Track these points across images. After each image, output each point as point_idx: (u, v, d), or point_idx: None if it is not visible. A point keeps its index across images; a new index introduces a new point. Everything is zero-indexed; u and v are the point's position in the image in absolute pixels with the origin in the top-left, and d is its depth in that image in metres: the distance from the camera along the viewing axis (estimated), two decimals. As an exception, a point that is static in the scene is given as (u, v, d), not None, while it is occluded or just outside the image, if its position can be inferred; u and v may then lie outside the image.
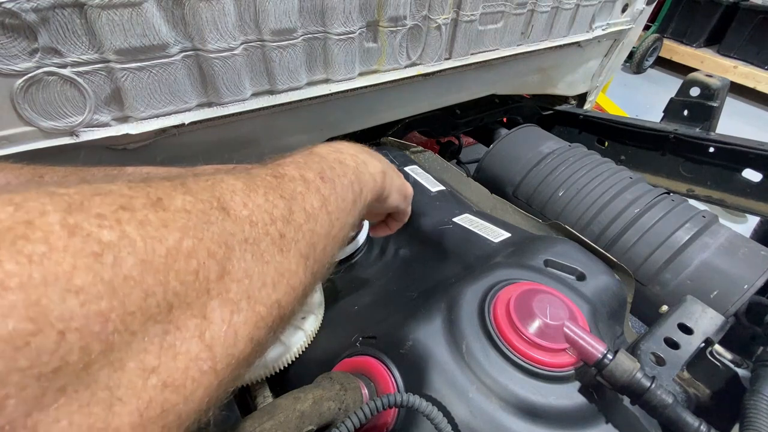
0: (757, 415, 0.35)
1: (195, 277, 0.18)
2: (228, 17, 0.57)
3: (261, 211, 0.24)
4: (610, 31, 1.19)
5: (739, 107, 2.93)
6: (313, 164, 0.33)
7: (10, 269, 0.13)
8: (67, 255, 0.14)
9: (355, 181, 0.36)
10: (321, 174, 0.32)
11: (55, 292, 0.14)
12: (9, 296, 0.13)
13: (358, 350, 0.46)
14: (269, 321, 0.22)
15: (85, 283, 0.14)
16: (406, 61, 0.82)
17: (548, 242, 0.60)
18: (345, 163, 0.37)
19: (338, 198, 0.32)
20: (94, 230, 0.15)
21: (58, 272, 0.14)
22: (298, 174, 0.30)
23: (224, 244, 0.20)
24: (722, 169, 1.00)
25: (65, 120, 0.53)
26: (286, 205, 0.26)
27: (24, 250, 0.14)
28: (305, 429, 0.34)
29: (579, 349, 0.40)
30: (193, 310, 0.18)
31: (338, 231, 0.32)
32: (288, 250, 0.25)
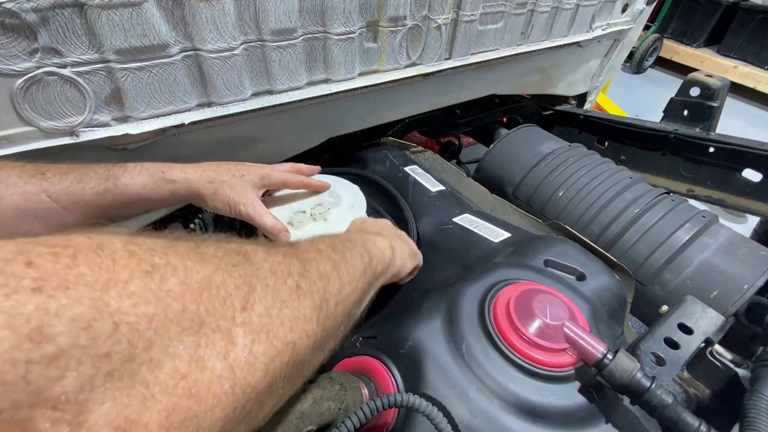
0: (757, 415, 0.35)
1: (223, 303, 0.22)
2: (228, 17, 0.57)
3: (279, 266, 0.27)
4: (610, 31, 1.19)
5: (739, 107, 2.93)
6: (323, 241, 0.37)
7: (85, 272, 0.17)
8: (127, 269, 0.18)
9: (364, 252, 0.40)
10: (332, 246, 0.36)
11: (115, 292, 0.17)
12: (81, 289, 0.16)
13: (358, 350, 0.46)
14: (284, 358, 0.24)
15: (137, 289, 0.18)
16: (406, 61, 0.82)
17: (548, 242, 0.60)
18: (353, 240, 0.41)
19: (348, 265, 0.36)
20: (147, 256, 0.20)
21: (119, 279, 0.18)
22: (311, 246, 0.34)
23: (248, 283, 0.24)
24: (722, 169, 1.00)
25: (65, 120, 0.53)
26: (301, 264, 0.30)
27: (96, 260, 0.18)
28: (305, 429, 0.34)
29: (579, 349, 0.40)
30: (221, 331, 0.21)
31: (349, 293, 0.34)
32: (304, 299, 0.28)
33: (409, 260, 0.52)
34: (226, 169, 0.54)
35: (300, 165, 0.66)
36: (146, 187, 0.48)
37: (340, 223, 0.62)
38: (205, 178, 0.52)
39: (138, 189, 0.47)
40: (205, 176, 0.52)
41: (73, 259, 0.17)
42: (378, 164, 0.84)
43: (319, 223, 0.62)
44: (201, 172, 0.52)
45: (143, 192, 0.48)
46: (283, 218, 0.61)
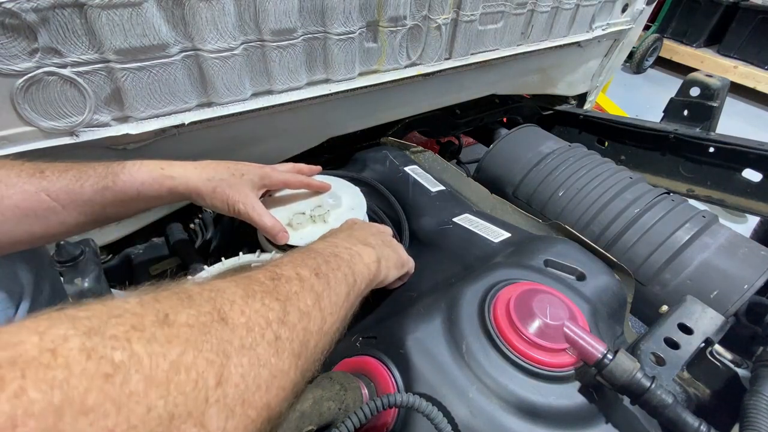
0: (757, 415, 0.35)
1: (194, 386, 0.20)
2: (228, 17, 0.57)
3: (258, 316, 0.26)
4: (610, 31, 1.19)
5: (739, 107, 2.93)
6: (309, 260, 0.36)
7: (34, 397, 0.15)
8: (84, 377, 0.17)
9: (349, 273, 0.39)
10: (316, 270, 0.35)
11: (70, 414, 0.16)
12: (31, 423, 0.15)
13: (358, 350, 0.46)
14: (258, 423, 0.23)
15: (95, 403, 0.16)
16: (406, 61, 0.82)
17: (548, 242, 0.60)
18: (340, 256, 0.40)
19: (332, 293, 0.35)
20: (108, 352, 0.18)
21: (74, 396, 0.16)
22: (294, 273, 0.33)
23: (222, 353, 0.22)
24: (722, 169, 1.00)
25: (65, 120, 0.53)
26: (281, 306, 0.28)
27: (47, 377, 0.16)
28: (305, 429, 0.34)
29: (579, 349, 0.40)
30: (193, 418, 0.20)
31: (330, 326, 0.34)
32: (282, 351, 0.26)
33: (395, 270, 0.51)
34: (225, 167, 0.54)
35: (301, 165, 0.66)
36: (145, 184, 0.48)
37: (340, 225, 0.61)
38: (204, 176, 0.51)
39: (137, 186, 0.47)
40: (204, 174, 0.52)
41: (22, 381, 0.15)
42: (378, 164, 0.84)
43: (318, 225, 0.62)
44: (200, 170, 0.52)
45: (142, 189, 0.47)
46: (283, 219, 0.61)
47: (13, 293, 0.43)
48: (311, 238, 0.59)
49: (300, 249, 0.40)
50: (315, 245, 0.42)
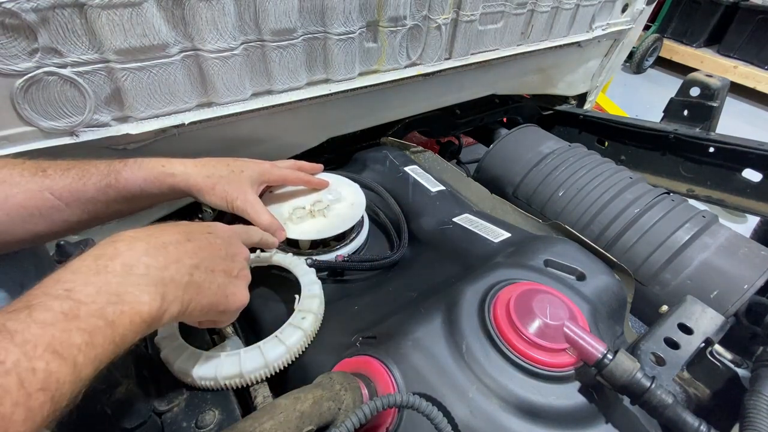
0: (757, 415, 0.35)
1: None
2: (228, 17, 0.57)
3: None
4: (610, 31, 1.19)
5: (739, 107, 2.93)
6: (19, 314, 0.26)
7: None
8: None
9: (64, 334, 0.26)
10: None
11: None
12: None
13: (358, 350, 0.46)
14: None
15: None
16: (406, 61, 0.82)
17: (548, 242, 0.60)
18: (74, 297, 0.28)
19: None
20: None
21: None
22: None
23: None
24: (722, 169, 1.00)
25: (65, 120, 0.53)
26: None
27: None
28: (305, 429, 0.34)
29: (579, 349, 0.40)
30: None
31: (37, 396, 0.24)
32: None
33: (199, 313, 0.37)
34: (225, 164, 0.54)
35: (301, 162, 0.66)
36: (147, 181, 0.48)
37: (339, 220, 0.62)
38: (204, 173, 0.52)
39: (140, 183, 0.47)
40: (204, 171, 0.52)
41: None
42: (378, 164, 0.84)
43: (318, 219, 0.62)
44: (200, 167, 0.52)
45: (144, 186, 0.48)
46: (282, 214, 0.61)
47: (15, 293, 0.43)
48: (310, 232, 0.59)
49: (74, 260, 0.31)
50: (76, 263, 0.31)
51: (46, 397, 0.24)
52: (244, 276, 0.44)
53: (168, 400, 0.44)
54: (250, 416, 0.34)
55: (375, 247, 0.69)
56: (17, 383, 0.23)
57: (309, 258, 0.58)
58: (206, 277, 0.37)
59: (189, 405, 0.44)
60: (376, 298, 0.57)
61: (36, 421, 0.24)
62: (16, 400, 0.23)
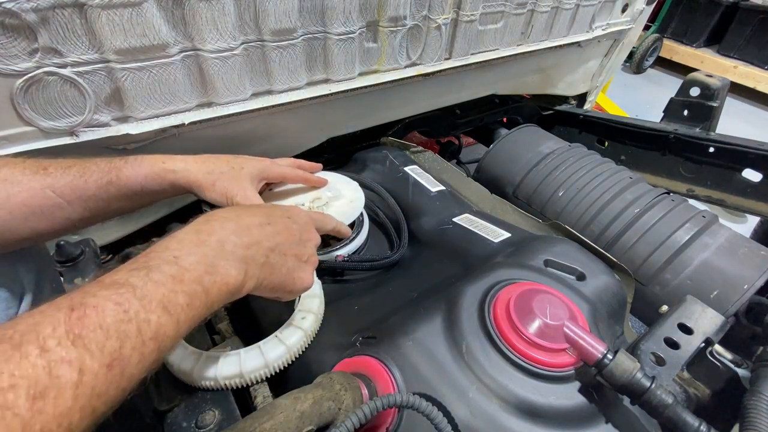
0: (757, 415, 0.35)
1: None
2: (228, 17, 0.57)
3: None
4: (610, 31, 1.19)
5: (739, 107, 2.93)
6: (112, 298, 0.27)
7: None
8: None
9: (152, 315, 0.28)
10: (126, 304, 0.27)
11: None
12: None
13: (358, 350, 0.46)
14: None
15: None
16: (406, 61, 0.82)
17: (548, 242, 0.60)
18: (180, 264, 0.32)
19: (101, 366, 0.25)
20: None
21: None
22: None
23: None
24: (722, 169, 1.00)
25: (65, 120, 0.53)
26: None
27: None
28: (305, 429, 0.34)
29: (579, 349, 0.40)
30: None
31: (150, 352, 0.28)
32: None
33: (269, 292, 0.41)
34: (225, 161, 0.55)
35: (301, 161, 0.66)
36: (148, 178, 0.48)
37: (338, 217, 0.62)
38: (204, 170, 0.52)
39: (140, 180, 0.48)
40: (204, 167, 0.52)
41: None
42: (378, 164, 0.84)
43: None
44: (201, 164, 0.52)
45: (145, 183, 0.48)
46: None
47: (15, 293, 0.43)
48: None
49: (155, 247, 0.34)
50: (161, 244, 0.34)
51: (155, 345, 0.28)
52: (313, 261, 0.47)
53: (168, 400, 0.44)
54: (250, 416, 0.34)
55: (375, 247, 0.69)
56: (136, 330, 0.27)
57: (309, 258, 0.58)
58: (279, 259, 0.41)
59: (189, 405, 0.44)
60: (376, 298, 0.57)
61: (145, 365, 0.28)
62: (134, 344, 0.27)
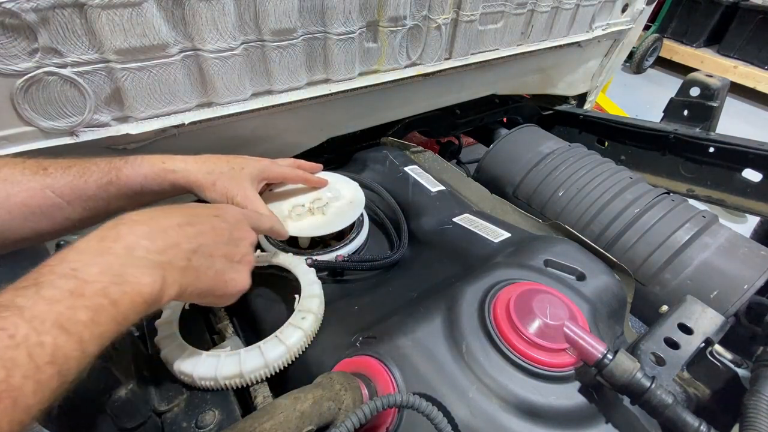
0: (757, 415, 0.35)
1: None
2: (228, 17, 0.57)
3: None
4: (610, 31, 1.19)
5: (739, 107, 2.93)
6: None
7: None
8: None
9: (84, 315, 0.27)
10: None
11: None
12: None
13: (358, 350, 0.46)
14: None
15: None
16: (406, 61, 0.82)
17: (548, 242, 0.60)
18: (80, 276, 0.28)
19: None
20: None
21: None
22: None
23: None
24: (722, 169, 1.00)
25: (65, 120, 0.53)
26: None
27: None
28: (305, 429, 0.34)
29: (579, 349, 0.40)
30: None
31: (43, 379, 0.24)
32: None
33: (197, 298, 0.38)
34: (225, 161, 0.54)
35: (301, 161, 0.66)
36: (148, 177, 0.48)
37: (338, 217, 0.62)
38: (205, 170, 0.52)
39: (140, 180, 0.48)
40: (204, 167, 0.52)
41: None
42: (378, 164, 0.84)
43: (317, 217, 0.62)
44: (201, 164, 0.52)
45: (145, 183, 0.48)
46: (282, 211, 0.61)
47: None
48: (310, 229, 0.60)
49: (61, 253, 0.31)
50: (66, 252, 0.31)
51: (53, 370, 0.25)
52: (247, 261, 0.43)
53: (168, 400, 0.44)
54: (250, 416, 0.34)
55: (375, 247, 0.69)
56: (27, 356, 0.24)
57: (309, 258, 0.58)
58: (204, 262, 0.37)
59: (189, 405, 0.44)
60: (376, 298, 0.57)
61: (45, 393, 0.25)
62: (25, 372, 0.24)
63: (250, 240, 0.44)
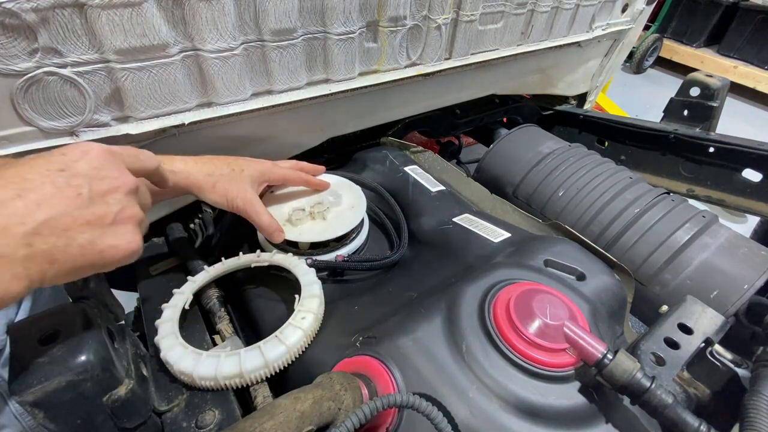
0: (757, 415, 0.35)
1: None
2: (228, 17, 0.57)
3: None
4: (610, 31, 1.19)
5: (739, 107, 2.93)
6: None
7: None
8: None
9: None
10: None
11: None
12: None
13: (358, 350, 0.46)
14: None
15: None
16: (406, 61, 0.82)
17: (548, 242, 0.60)
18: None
19: None
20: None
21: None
22: None
23: None
24: (722, 169, 1.00)
25: (65, 120, 0.53)
26: None
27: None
28: (305, 429, 0.34)
29: (579, 349, 0.40)
30: None
31: None
32: None
33: (110, 239, 0.31)
34: (226, 163, 0.54)
35: (303, 163, 0.66)
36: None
37: (338, 223, 0.62)
38: (205, 171, 0.52)
39: None
40: (204, 169, 0.52)
41: None
42: (378, 164, 0.84)
43: (317, 222, 0.62)
44: (201, 165, 0.52)
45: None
46: (282, 214, 0.61)
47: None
48: (309, 234, 0.60)
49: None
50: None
51: None
52: (129, 217, 0.33)
53: (168, 400, 0.44)
54: (250, 416, 0.34)
55: (375, 247, 0.69)
56: None
57: (309, 258, 0.58)
58: (56, 241, 0.29)
59: (189, 405, 0.44)
60: (376, 298, 0.57)
61: None
62: None
63: (123, 188, 0.33)
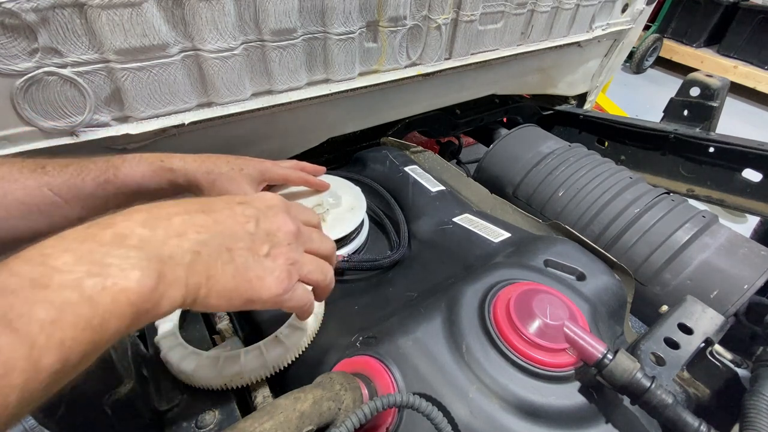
0: (757, 415, 0.35)
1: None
2: (228, 17, 0.57)
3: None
4: (610, 31, 1.19)
5: (739, 107, 2.93)
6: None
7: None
8: None
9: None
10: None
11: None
12: None
13: (358, 350, 0.46)
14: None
15: None
16: (406, 61, 0.82)
17: (548, 242, 0.60)
18: (49, 263, 0.23)
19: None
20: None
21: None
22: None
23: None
24: (722, 169, 1.00)
25: (65, 120, 0.53)
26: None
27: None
28: (305, 429, 0.34)
29: (579, 349, 0.40)
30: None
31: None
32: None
33: (216, 299, 0.30)
34: (225, 161, 0.54)
35: (304, 163, 0.66)
36: (146, 176, 0.48)
37: (338, 224, 0.62)
38: (204, 169, 0.52)
39: (138, 179, 0.47)
40: (203, 167, 0.52)
41: None
42: (378, 164, 0.84)
43: None
44: (200, 163, 0.52)
45: (143, 182, 0.48)
46: None
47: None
48: None
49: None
50: (49, 243, 0.25)
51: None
52: (283, 254, 0.34)
53: (168, 400, 0.44)
54: (250, 416, 0.34)
55: (375, 247, 0.69)
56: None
57: (309, 258, 0.58)
58: (219, 256, 0.30)
59: (189, 405, 0.44)
60: (376, 298, 0.57)
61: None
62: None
63: (287, 230, 0.35)
